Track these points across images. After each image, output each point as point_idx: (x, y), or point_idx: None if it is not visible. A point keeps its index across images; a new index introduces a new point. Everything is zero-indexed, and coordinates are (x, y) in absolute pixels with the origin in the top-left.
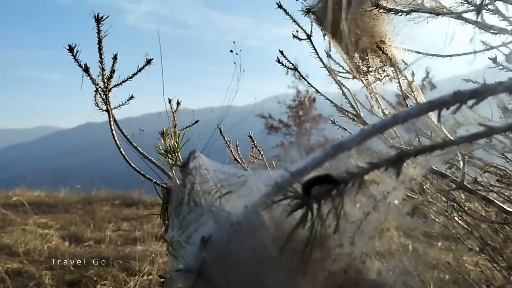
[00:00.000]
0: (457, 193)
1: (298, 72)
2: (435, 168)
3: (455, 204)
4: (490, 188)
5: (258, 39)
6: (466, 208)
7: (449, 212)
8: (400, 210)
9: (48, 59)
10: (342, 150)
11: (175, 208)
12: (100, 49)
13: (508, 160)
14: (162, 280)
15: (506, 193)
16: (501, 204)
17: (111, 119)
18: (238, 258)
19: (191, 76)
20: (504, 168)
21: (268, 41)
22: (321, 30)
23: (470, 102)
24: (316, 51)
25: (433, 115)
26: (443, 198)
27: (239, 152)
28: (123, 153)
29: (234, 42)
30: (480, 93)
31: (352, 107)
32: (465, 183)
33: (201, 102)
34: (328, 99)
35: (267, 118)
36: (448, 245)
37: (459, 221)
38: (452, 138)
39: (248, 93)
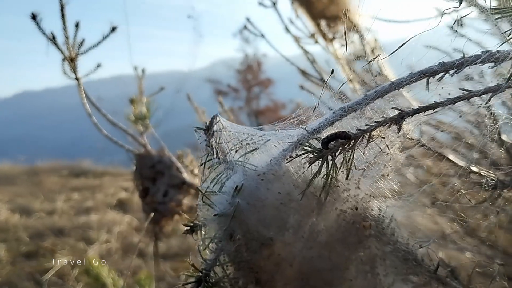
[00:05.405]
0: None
1: (266, 40)
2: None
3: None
4: (446, 145)
5: (205, 2)
6: (421, 164)
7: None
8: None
9: None
10: (350, 112)
11: (206, 164)
12: (63, 16)
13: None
14: (186, 228)
15: (459, 150)
16: (454, 159)
17: (81, 87)
18: (265, 201)
19: (136, 40)
20: (458, 127)
21: (215, 4)
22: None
23: (452, 71)
24: (281, 18)
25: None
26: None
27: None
28: (95, 121)
29: (193, 7)
30: (460, 65)
31: (317, 71)
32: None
33: (149, 67)
34: (289, 61)
35: (215, 83)
36: (400, 202)
37: (412, 178)
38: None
39: (194, 57)
